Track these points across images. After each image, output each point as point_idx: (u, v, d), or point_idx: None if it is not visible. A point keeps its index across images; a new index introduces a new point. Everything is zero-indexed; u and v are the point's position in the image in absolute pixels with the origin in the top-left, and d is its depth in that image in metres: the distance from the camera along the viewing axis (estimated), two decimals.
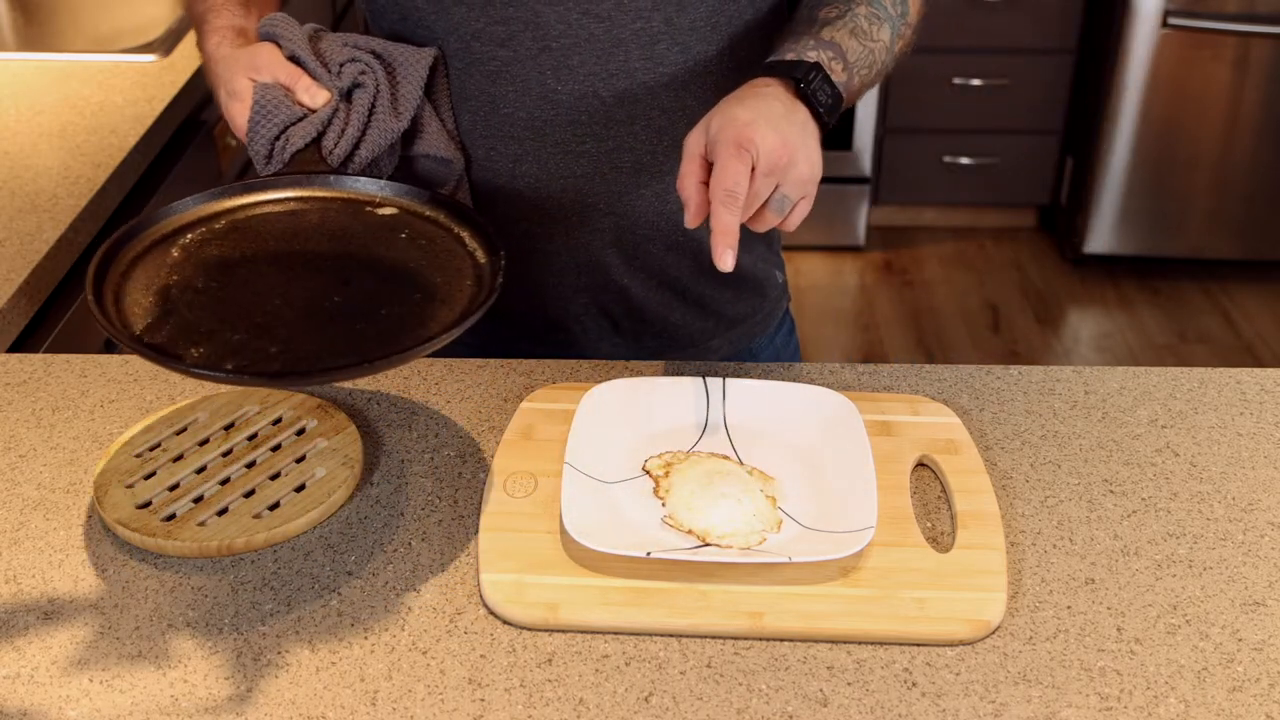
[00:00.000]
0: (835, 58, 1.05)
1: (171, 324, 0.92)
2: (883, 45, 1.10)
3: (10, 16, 2.22)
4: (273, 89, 1.06)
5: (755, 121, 0.95)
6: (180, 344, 0.90)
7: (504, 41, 1.10)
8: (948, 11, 3.36)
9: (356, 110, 1.09)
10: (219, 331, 0.91)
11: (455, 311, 0.94)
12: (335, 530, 0.99)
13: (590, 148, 1.14)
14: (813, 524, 0.96)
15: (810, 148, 0.98)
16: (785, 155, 0.95)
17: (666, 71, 1.12)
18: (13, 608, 0.92)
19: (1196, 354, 3.23)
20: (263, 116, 1.05)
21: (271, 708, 0.84)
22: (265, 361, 0.89)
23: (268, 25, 1.11)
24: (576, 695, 0.84)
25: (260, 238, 1.02)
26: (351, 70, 1.09)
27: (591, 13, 1.08)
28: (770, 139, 0.94)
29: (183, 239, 1.01)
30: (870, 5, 1.09)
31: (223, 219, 1.03)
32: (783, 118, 0.97)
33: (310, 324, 0.93)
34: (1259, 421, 1.11)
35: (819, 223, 3.60)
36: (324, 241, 1.02)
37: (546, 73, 1.11)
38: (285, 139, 1.06)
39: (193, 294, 0.95)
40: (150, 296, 0.95)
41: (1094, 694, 0.85)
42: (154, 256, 0.99)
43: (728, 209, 0.94)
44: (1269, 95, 3.23)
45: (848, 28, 1.07)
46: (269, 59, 1.07)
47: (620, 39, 1.09)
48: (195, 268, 0.98)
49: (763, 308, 1.34)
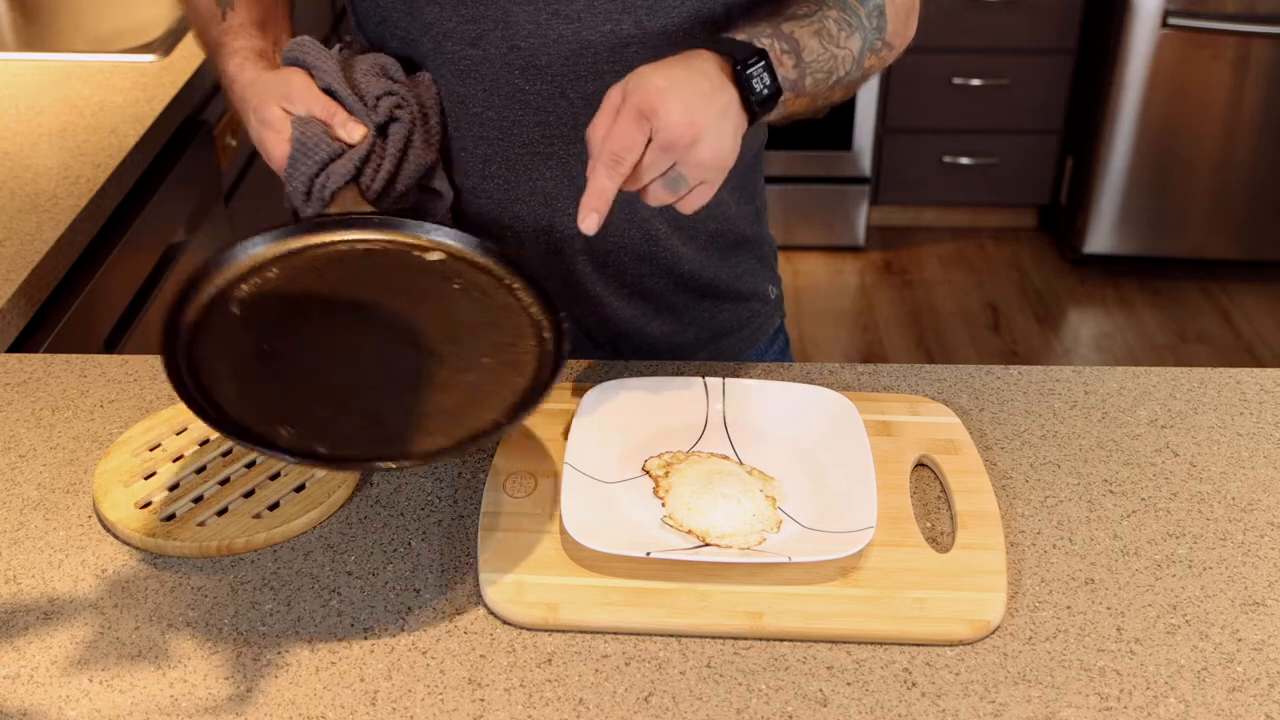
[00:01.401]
0: (788, 51, 1.00)
1: (250, 396, 0.90)
2: (849, 54, 1.05)
3: (10, 16, 2.22)
4: (312, 124, 1.05)
5: (667, 91, 0.91)
6: (266, 422, 0.88)
7: (474, 41, 1.10)
8: (948, 11, 3.36)
9: (392, 144, 1.08)
10: (301, 405, 0.90)
11: (525, 376, 0.94)
12: (335, 530, 0.99)
13: (559, 149, 1.13)
14: (812, 524, 0.96)
15: (722, 133, 0.93)
16: (688, 135, 0.91)
17: None
18: (13, 608, 0.92)
19: (1196, 354, 3.23)
20: (303, 154, 1.05)
21: (271, 708, 0.84)
22: (358, 442, 0.88)
23: (296, 51, 1.10)
24: (576, 695, 0.84)
25: (317, 289, 1.00)
26: (388, 104, 1.09)
27: (561, 13, 1.07)
28: (676, 113, 0.90)
29: (239, 292, 0.98)
30: (843, 11, 1.06)
31: (274, 267, 1.01)
32: (703, 96, 0.93)
33: (389, 394, 0.92)
34: (1259, 421, 1.11)
35: (819, 223, 3.60)
36: (381, 293, 1.01)
37: (515, 72, 1.10)
38: (325, 176, 1.05)
39: (264, 360, 0.93)
40: (221, 364, 0.92)
41: (1094, 694, 0.85)
42: (215, 317, 0.96)
43: (609, 172, 0.91)
44: (1269, 95, 3.23)
45: (812, 27, 1.03)
46: (302, 90, 1.06)
47: (589, 40, 1.08)
48: (259, 328, 0.96)
49: (750, 322, 1.31)
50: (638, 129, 0.91)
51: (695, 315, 1.27)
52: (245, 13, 1.16)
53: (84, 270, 1.52)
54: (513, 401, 0.92)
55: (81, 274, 1.52)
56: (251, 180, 2.14)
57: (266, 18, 1.17)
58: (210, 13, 1.17)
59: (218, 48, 1.16)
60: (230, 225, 2.01)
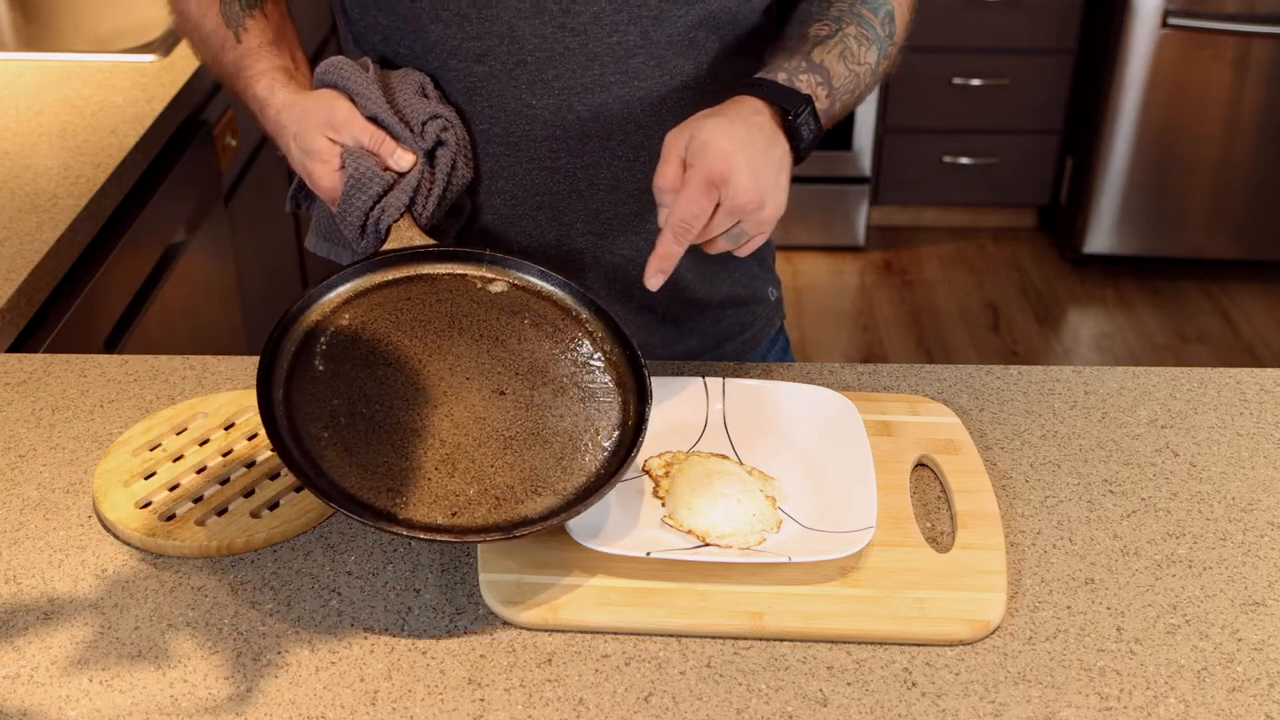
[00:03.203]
0: (822, 83, 1.03)
1: (354, 465, 0.90)
2: (868, 69, 1.08)
3: (10, 16, 2.22)
4: (364, 158, 1.04)
5: (733, 156, 0.94)
6: (376, 493, 0.89)
7: (479, 57, 1.09)
8: (948, 11, 3.36)
9: (440, 169, 1.07)
10: (407, 471, 0.91)
11: (611, 419, 0.96)
12: (335, 530, 0.99)
13: (565, 163, 1.13)
14: (812, 524, 0.96)
15: (780, 188, 0.97)
16: (755, 200, 0.94)
17: (643, 87, 1.10)
18: (13, 608, 0.92)
19: (1196, 354, 3.23)
20: (357, 189, 1.03)
21: (271, 708, 0.84)
22: (476, 511, 0.89)
23: (333, 75, 1.08)
24: (576, 695, 0.84)
25: (394, 338, 0.99)
26: (434, 128, 1.07)
27: (567, 27, 1.07)
28: (744, 180, 0.94)
29: (318, 347, 0.97)
30: (860, 25, 1.07)
31: (345, 314, 1.00)
32: (762, 154, 0.96)
33: (489, 452, 0.93)
34: (1259, 421, 1.11)
35: (819, 223, 3.60)
36: (455, 334, 1.00)
37: (521, 87, 1.10)
38: (380, 210, 1.04)
39: (359, 422, 0.93)
40: (318, 429, 0.92)
41: (1094, 694, 0.85)
42: (302, 378, 0.95)
43: (678, 239, 0.94)
44: (1269, 95, 3.23)
45: (837, 50, 1.05)
46: (347, 118, 1.05)
47: (595, 53, 1.08)
48: (347, 386, 0.95)
49: (751, 325, 1.31)
50: (706, 197, 0.93)
51: (698, 324, 1.27)
52: (258, 34, 1.14)
53: (84, 270, 1.52)
54: (611, 449, 0.94)
55: (81, 274, 1.52)
56: (251, 180, 2.14)
57: (279, 36, 1.15)
58: (220, 39, 1.14)
59: (237, 72, 1.13)
60: (230, 225, 2.01)
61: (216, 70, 1.18)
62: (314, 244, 1.23)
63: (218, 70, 1.17)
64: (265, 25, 1.14)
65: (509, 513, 0.90)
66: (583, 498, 0.91)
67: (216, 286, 1.97)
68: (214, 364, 1.18)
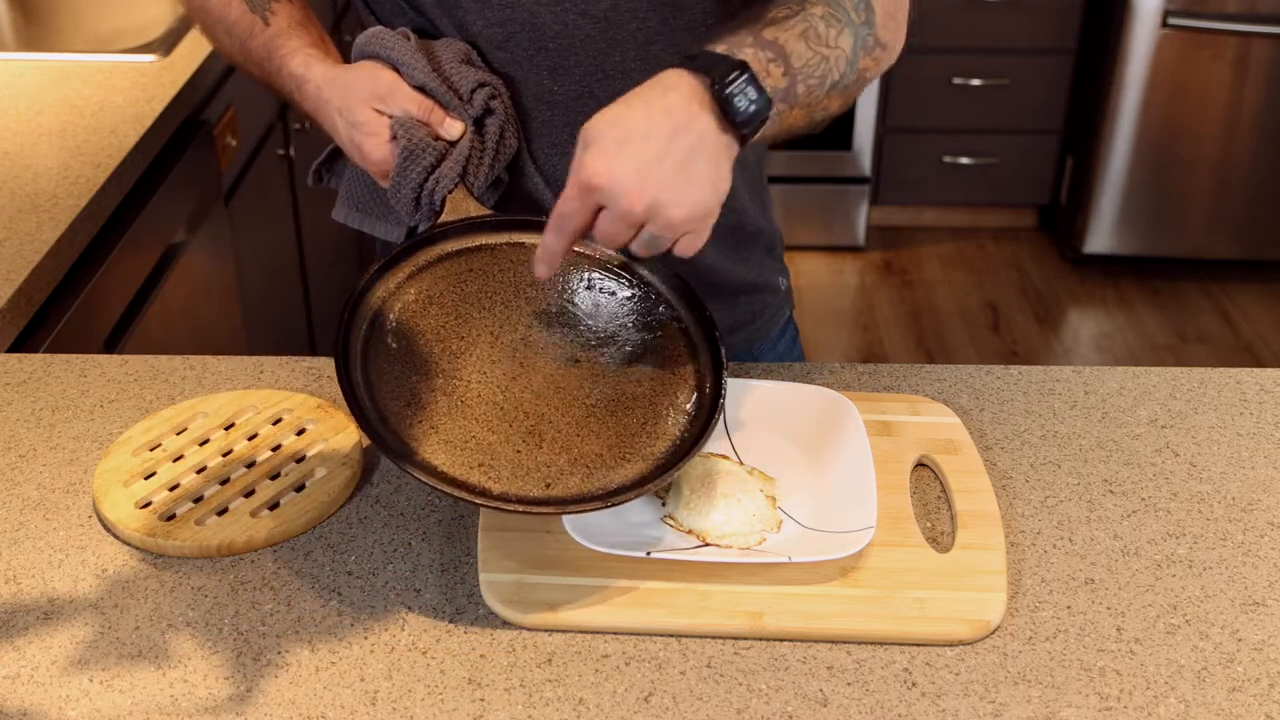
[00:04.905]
0: (775, 59, 0.93)
1: (442, 442, 0.90)
2: (842, 54, 0.98)
3: (10, 16, 2.22)
4: (415, 129, 1.02)
5: (614, 157, 0.86)
6: (466, 468, 0.89)
7: (501, 43, 1.10)
8: (948, 11, 3.36)
9: (490, 136, 1.06)
10: (494, 445, 0.91)
11: (688, 383, 0.97)
12: (335, 530, 0.99)
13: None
14: (813, 524, 0.96)
15: (689, 183, 0.87)
16: (639, 204, 0.86)
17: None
18: (13, 608, 0.92)
19: (1196, 354, 3.23)
20: (411, 161, 1.02)
21: (271, 708, 0.84)
22: (569, 481, 0.90)
23: (375, 45, 1.06)
24: (576, 695, 0.84)
25: (465, 309, 0.99)
26: (482, 95, 1.06)
27: (588, 13, 1.08)
28: (624, 182, 0.86)
29: (389, 324, 0.96)
30: (828, 6, 0.99)
31: (410, 290, 0.99)
32: (658, 150, 0.87)
33: (573, 421, 0.93)
34: (1259, 421, 1.11)
35: (819, 223, 3.60)
36: (521, 304, 1.00)
37: (543, 73, 1.10)
38: (434, 181, 1.03)
39: (440, 398, 0.93)
40: (401, 405, 0.92)
41: (1094, 694, 0.85)
42: (378, 355, 0.94)
43: (554, 234, 0.91)
44: (1269, 95, 3.23)
45: (797, 29, 0.96)
46: (393, 88, 1.04)
47: (616, 39, 1.09)
48: (423, 362, 0.95)
49: (762, 314, 1.32)
50: (579, 200, 0.89)
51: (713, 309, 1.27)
52: (286, 16, 1.13)
53: (84, 270, 1.52)
54: (693, 412, 0.94)
55: (81, 274, 1.52)
56: (251, 180, 2.14)
57: (305, 17, 1.15)
58: (247, 26, 1.14)
59: (268, 55, 1.12)
60: (230, 225, 2.01)
61: (243, 58, 1.16)
62: (344, 215, 1.21)
63: (244, 57, 1.16)
64: (291, 8, 1.14)
65: (601, 481, 0.90)
66: (671, 462, 0.91)
67: (216, 286, 1.97)
68: (214, 364, 1.18)
